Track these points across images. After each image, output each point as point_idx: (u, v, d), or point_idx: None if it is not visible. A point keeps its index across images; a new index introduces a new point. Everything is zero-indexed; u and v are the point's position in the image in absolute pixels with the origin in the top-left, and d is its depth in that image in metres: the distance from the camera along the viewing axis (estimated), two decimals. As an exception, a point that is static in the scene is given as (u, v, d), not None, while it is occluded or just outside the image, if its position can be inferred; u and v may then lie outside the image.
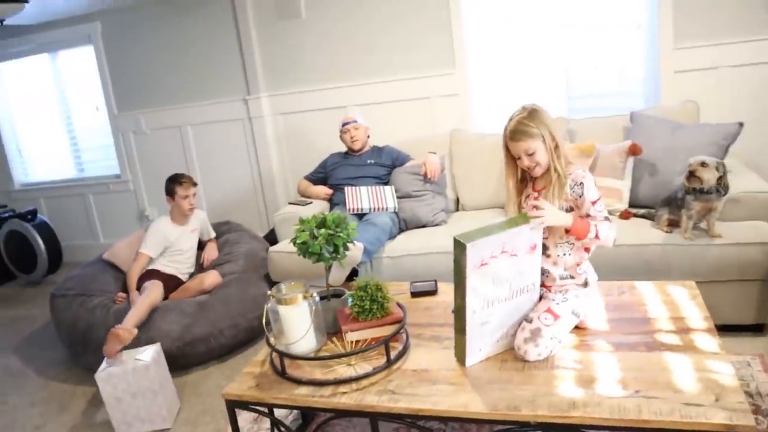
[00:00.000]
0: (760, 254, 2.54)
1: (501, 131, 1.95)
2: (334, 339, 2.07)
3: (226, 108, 4.52)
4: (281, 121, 4.46)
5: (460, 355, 1.84)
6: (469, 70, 3.98)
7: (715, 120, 3.28)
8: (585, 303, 1.94)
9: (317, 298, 2.04)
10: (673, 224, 2.74)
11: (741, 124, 2.85)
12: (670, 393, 1.58)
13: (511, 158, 1.95)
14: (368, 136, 3.67)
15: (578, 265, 1.94)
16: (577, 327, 1.95)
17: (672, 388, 1.60)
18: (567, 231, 1.86)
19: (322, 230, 2.04)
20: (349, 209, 3.30)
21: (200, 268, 3.61)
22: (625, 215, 2.98)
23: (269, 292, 2.03)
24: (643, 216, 2.95)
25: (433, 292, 2.44)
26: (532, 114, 1.86)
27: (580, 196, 1.87)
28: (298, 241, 2.04)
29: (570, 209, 1.90)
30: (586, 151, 3.10)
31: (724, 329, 2.67)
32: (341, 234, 2.05)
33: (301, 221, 2.11)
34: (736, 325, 2.67)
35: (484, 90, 4.04)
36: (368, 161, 3.57)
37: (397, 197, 3.40)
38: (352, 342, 2.01)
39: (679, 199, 2.66)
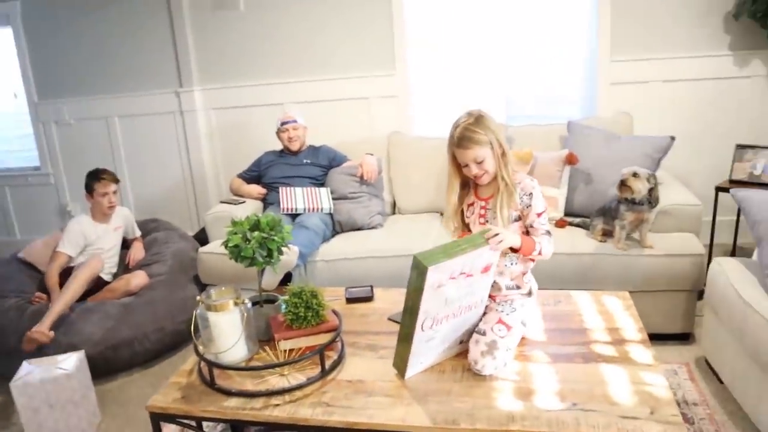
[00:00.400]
0: (689, 265, 2.61)
1: (440, 135, 1.92)
2: (267, 348, 1.97)
3: (157, 100, 4.32)
4: (214, 116, 4.29)
5: (401, 366, 1.79)
6: (410, 73, 3.96)
7: (646, 133, 3.37)
8: (529, 311, 1.93)
9: (249, 305, 1.94)
10: (607, 234, 2.78)
11: (672, 138, 2.93)
12: (606, 406, 1.57)
13: (457, 166, 1.91)
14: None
15: (524, 274, 1.92)
16: (515, 336, 1.94)
17: (608, 401, 1.59)
18: (514, 250, 1.83)
19: (256, 233, 1.94)
20: (283, 209, 3.20)
21: (125, 268, 3.42)
22: (560, 224, 3.01)
23: (198, 297, 1.92)
24: (578, 225, 2.99)
25: (369, 299, 2.38)
26: (479, 120, 1.83)
27: (528, 207, 1.85)
28: (229, 245, 1.94)
29: (518, 218, 1.88)
30: (524, 159, 3.12)
31: (652, 338, 2.72)
32: (275, 237, 1.95)
33: (234, 223, 2.00)
34: (664, 334, 2.73)
35: (423, 93, 4.02)
36: (304, 161, 3.47)
37: (333, 199, 3.32)
38: (285, 351, 1.92)
39: (613, 210, 2.70)
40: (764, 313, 2.02)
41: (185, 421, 1.84)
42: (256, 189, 3.53)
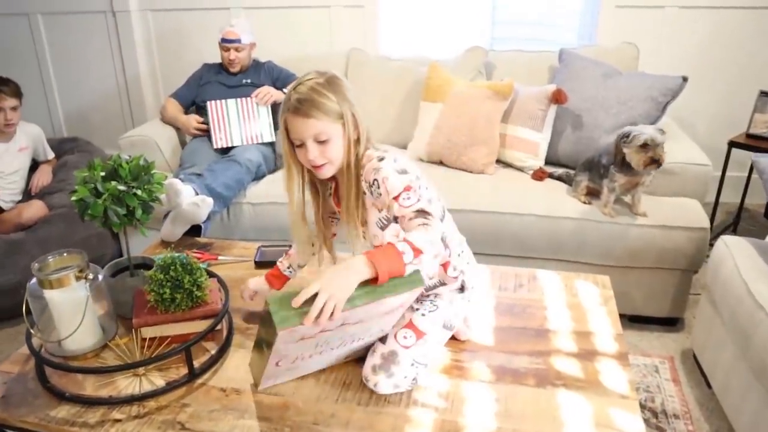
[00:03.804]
0: (685, 241, 2.13)
1: (408, 56, 1.40)
2: (131, 334, 1.49)
3: (85, -4, 3.66)
4: (152, 18, 3.65)
5: (255, 375, 1.34)
6: (381, -21, 3.31)
7: (651, 69, 2.81)
8: (462, 309, 1.43)
9: (99, 277, 1.45)
10: (593, 193, 2.28)
11: (685, 79, 2.37)
12: (556, 464, 1.13)
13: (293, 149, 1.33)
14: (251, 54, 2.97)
15: (446, 266, 1.39)
16: (453, 338, 1.46)
17: (561, 456, 1.15)
18: (373, 280, 1.13)
19: (111, 184, 1.42)
20: (216, 142, 2.68)
21: (29, 195, 2.91)
22: (538, 175, 2.50)
23: (34, 263, 1.43)
24: (559, 178, 2.48)
25: (285, 264, 1.89)
26: (332, 82, 1.26)
27: (379, 197, 1.28)
28: (73, 198, 1.43)
29: (390, 219, 1.33)
30: (503, 92, 2.56)
31: (634, 321, 2.31)
32: (139, 191, 1.44)
33: (89, 167, 1.48)
34: (648, 317, 2.30)
35: (395, 4, 3.37)
36: (243, 81, 2.89)
37: (275, 129, 2.78)
38: (146, 341, 1.45)
39: (602, 166, 2.18)
40: (780, 322, 1.55)
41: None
42: (195, 119, 2.86)
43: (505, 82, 2.56)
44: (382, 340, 1.32)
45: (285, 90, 2.83)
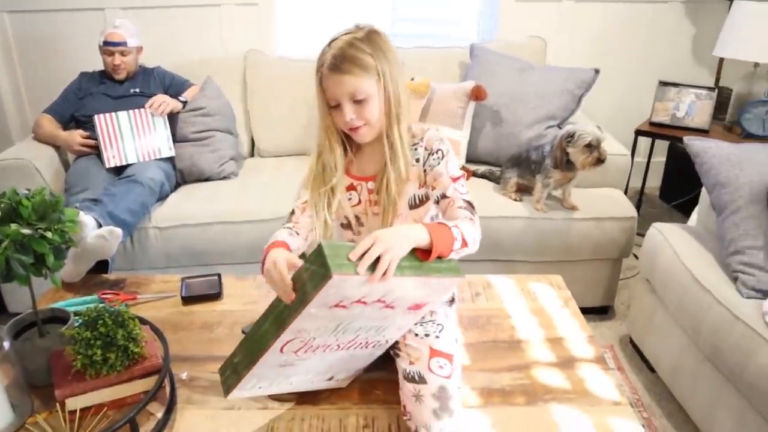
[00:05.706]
0: (617, 230, 2.17)
1: (309, 56, 1.29)
2: (55, 406, 1.23)
3: None
4: (10, 21, 3.19)
5: (229, 381, 1.13)
6: (273, -25, 3.11)
7: (554, 61, 2.86)
8: (455, 326, 1.32)
9: (5, 345, 1.18)
10: (522, 189, 2.26)
11: (597, 71, 2.42)
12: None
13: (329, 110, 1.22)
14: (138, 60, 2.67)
15: None
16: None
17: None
18: (423, 251, 1.06)
19: (12, 227, 1.16)
20: (109, 164, 2.38)
21: None
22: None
23: None
24: (483, 175, 2.44)
25: (215, 296, 1.68)
26: (371, 37, 1.16)
27: (433, 168, 1.21)
28: (-37, 248, 1.15)
29: (423, 199, 1.25)
30: (419, 90, 2.49)
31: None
32: (49, 233, 1.19)
33: (-21, 207, 1.20)
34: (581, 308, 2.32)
35: (290, 1, 3.19)
36: (132, 90, 2.59)
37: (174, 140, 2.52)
38: (75, 413, 1.20)
39: (532, 162, 2.16)
40: (732, 308, 1.59)
41: None
42: (78, 135, 2.48)
43: (422, 81, 2.48)
44: (419, 379, 1.14)
45: (181, 98, 2.59)
